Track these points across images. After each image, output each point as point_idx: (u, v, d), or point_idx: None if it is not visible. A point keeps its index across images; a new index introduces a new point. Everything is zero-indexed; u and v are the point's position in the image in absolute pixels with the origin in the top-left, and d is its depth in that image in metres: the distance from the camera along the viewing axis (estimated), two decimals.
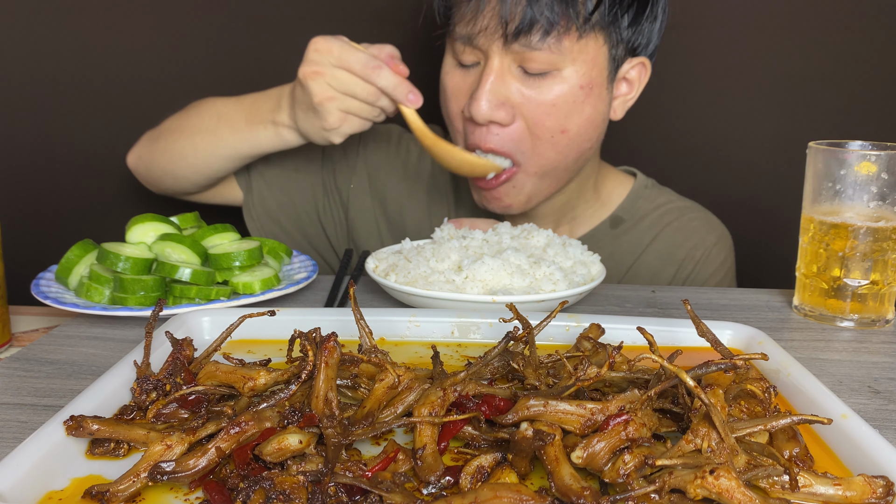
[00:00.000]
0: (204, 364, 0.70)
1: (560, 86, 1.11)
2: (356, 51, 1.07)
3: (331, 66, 1.06)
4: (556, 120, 1.13)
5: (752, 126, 1.57)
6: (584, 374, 0.62)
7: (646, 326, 0.83)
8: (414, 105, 1.10)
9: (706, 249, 1.33)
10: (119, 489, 0.54)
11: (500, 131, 1.14)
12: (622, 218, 1.35)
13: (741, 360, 0.62)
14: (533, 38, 1.07)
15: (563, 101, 1.12)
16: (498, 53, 1.10)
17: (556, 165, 1.19)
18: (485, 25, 1.09)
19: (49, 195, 1.61)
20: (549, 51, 1.08)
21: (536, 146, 1.15)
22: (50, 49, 1.53)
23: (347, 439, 0.58)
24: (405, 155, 1.39)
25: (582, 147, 1.19)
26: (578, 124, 1.15)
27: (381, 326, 0.86)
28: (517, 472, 0.58)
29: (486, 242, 1.07)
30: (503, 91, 1.12)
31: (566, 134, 1.15)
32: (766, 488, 0.54)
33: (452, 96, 1.18)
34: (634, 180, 1.38)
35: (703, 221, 1.36)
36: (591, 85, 1.13)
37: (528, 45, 1.08)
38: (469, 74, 1.16)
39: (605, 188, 1.36)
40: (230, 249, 1.02)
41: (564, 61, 1.10)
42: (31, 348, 0.87)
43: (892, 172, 0.95)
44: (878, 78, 1.53)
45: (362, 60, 1.06)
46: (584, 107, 1.14)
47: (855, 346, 0.93)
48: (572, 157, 1.19)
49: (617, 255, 1.32)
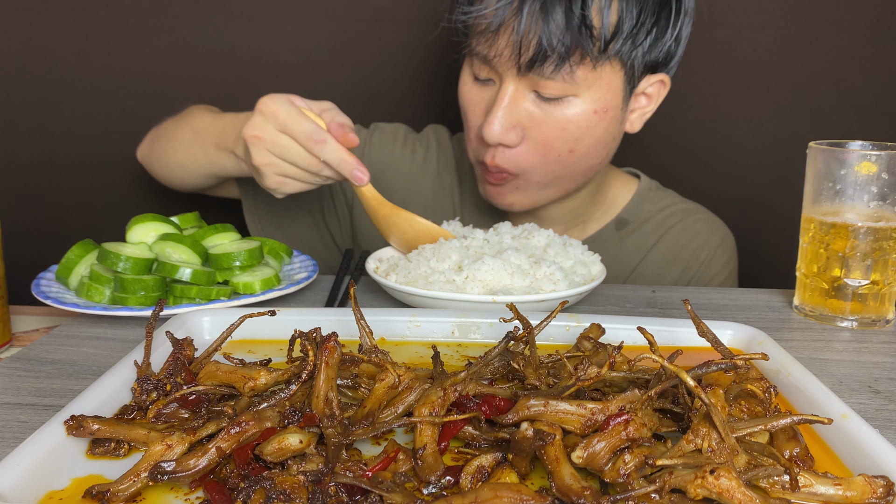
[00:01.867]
0: (204, 364, 0.70)
1: (573, 110, 1.11)
2: (302, 119, 1.01)
3: (274, 130, 1.02)
4: (565, 142, 1.13)
5: (752, 126, 1.57)
6: (585, 374, 0.62)
7: (646, 326, 0.83)
8: (360, 183, 1.04)
9: (711, 251, 1.34)
10: (119, 489, 0.54)
11: (507, 151, 1.14)
12: (627, 220, 1.35)
13: (741, 360, 0.62)
14: (546, 69, 1.06)
15: (575, 125, 1.12)
16: (512, 79, 1.10)
17: (561, 178, 1.19)
18: (500, 52, 1.08)
19: (49, 195, 1.61)
20: (562, 80, 1.08)
21: (543, 164, 1.16)
22: (50, 49, 1.53)
23: (348, 439, 0.58)
24: (410, 155, 1.39)
25: (590, 164, 1.19)
26: (588, 145, 1.15)
27: (382, 326, 0.86)
28: (517, 472, 0.58)
29: (486, 242, 1.06)
30: (516, 114, 1.12)
31: (574, 154, 1.15)
32: (767, 488, 0.54)
33: (470, 109, 1.19)
34: (639, 182, 1.38)
35: (707, 223, 1.37)
36: (606, 109, 1.13)
37: (541, 75, 1.07)
38: (486, 90, 1.16)
39: (611, 190, 1.36)
40: (230, 249, 1.02)
41: (579, 89, 1.10)
42: (32, 348, 0.87)
43: (893, 172, 0.95)
44: (878, 78, 1.53)
45: (306, 131, 1.01)
46: (595, 130, 1.14)
47: (855, 346, 0.93)
48: (579, 172, 1.19)
49: (622, 256, 1.33)
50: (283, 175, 1.05)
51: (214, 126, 1.20)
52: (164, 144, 1.29)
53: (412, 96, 1.58)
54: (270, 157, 1.03)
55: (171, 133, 1.28)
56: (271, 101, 1.02)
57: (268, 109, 1.02)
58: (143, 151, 1.36)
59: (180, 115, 1.31)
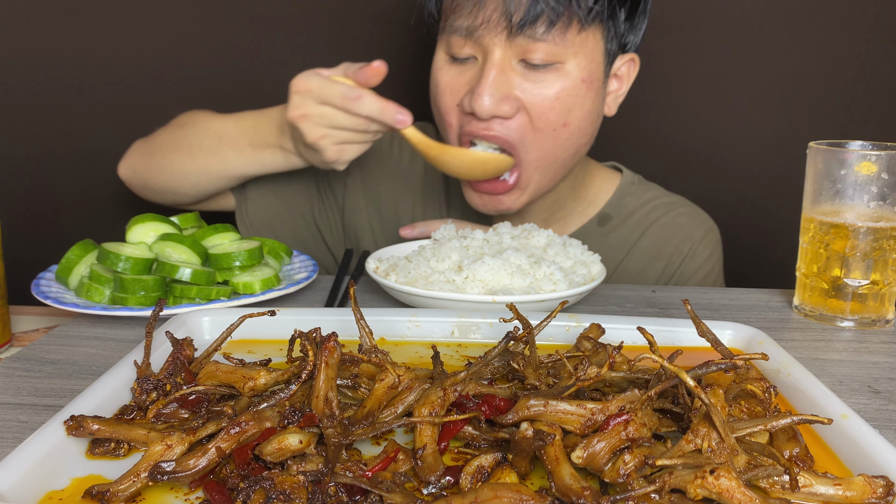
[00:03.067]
0: (204, 364, 0.70)
1: (563, 79, 1.11)
2: (334, 84, 1.05)
3: (314, 104, 1.06)
4: (559, 113, 1.13)
5: (752, 126, 1.57)
6: (585, 374, 0.62)
7: (646, 326, 0.83)
8: (403, 126, 1.07)
9: (693, 244, 1.33)
10: (119, 489, 0.54)
11: (503, 124, 1.13)
12: (610, 215, 1.34)
13: (741, 360, 0.62)
14: (538, 29, 1.07)
15: (567, 94, 1.12)
16: (499, 47, 1.09)
17: (556, 159, 1.18)
18: (487, 17, 1.08)
19: (49, 195, 1.61)
20: (552, 42, 1.08)
21: (538, 139, 1.15)
22: (50, 49, 1.53)
23: (347, 439, 0.58)
24: (398, 155, 1.39)
25: (580, 142, 1.19)
26: (579, 118, 1.15)
27: (382, 326, 0.86)
28: (517, 472, 0.58)
29: (486, 242, 1.07)
30: (505, 85, 1.11)
31: (567, 128, 1.15)
32: (767, 488, 0.54)
33: (447, 91, 1.16)
34: (621, 177, 1.37)
35: (690, 216, 1.36)
36: (591, 79, 1.14)
37: (532, 37, 1.07)
38: (466, 69, 1.14)
39: (593, 185, 1.36)
40: (230, 249, 1.02)
41: (566, 54, 1.10)
42: (32, 348, 0.87)
43: (893, 172, 0.95)
44: (878, 78, 1.53)
45: (341, 93, 1.04)
46: (584, 101, 1.14)
47: (855, 346, 0.93)
48: (570, 151, 1.19)
49: (605, 252, 1.32)
50: (339, 143, 1.08)
51: (241, 126, 1.19)
52: (172, 157, 1.24)
53: (412, 96, 1.58)
54: (321, 129, 1.07)
55: (180, 142, 1.24)
56: (302, 79, 1.07)
57: (302, 87, 1.06)
58: (132, 167, 1.30)
59: (178, 124, 1.27)
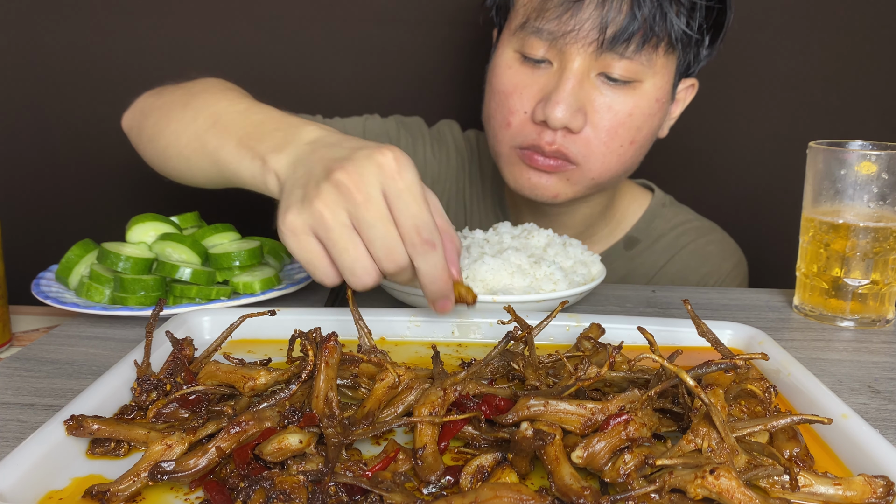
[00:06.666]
0: (204, 364, 0.70)
1: (638, 98, 1.08)
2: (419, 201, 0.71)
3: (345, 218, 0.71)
4: (629, 130, 1.09)
5: (752, 126, 1.57)
6: (585, 374, 0.62)
7: (646, 326, 0.83)
8: (441, 313, 0.79)
9: (720, 278, 1.29)
10: (119, 489, 0.54)
11: (567, 137, 1.08)
12: (637, 238, 1.30)
13: (741, 360, 0.62)
14: (629, 47, 1.02)
15: (640, 112, 1.08)
16: (582, 57, 1.04)
17: (613, 175, 1.14)
18: (578, 27, 1.02)
19: (49, 195, 1.61)
20: (637, 62, 1.04)
21: (602, 154, 1.10)
22: (50, 48, 1.53)
23: (347, 439, 0.58)
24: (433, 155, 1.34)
25: (636, 161, 1.16)
26: (645, 137, 1.12)
27: (381, 326, 0.86)
28: (517, 471, 0.58)
29: (486, 242, 1.07)
30: (581, 97, 1.06)
31: (633, 146, 1.11)
32: (767, 488, 0.54)
33: (515, 93, 1.09)
34: (651, 196, 1.33)
35: (721, 246, 1.32)
36: (664, 100, 1.11)
37: (619, 53, 1.03)
38: (538, 72, 1.08)
39: (621, 204, 1.31)
40: (230, 249, 1.02)
41: (647, 73, 1.06)
42: (32, 348, 0.87)
43: (893, 172, 0.95)
44: (878, 78, 1.53)
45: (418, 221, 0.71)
46: (653, 120, 1.11)
47: (855, 345, 0.93)
48: (626, 168, 1.15)
49: (630, 278, 1.29)
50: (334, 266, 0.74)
51: (246, 118, 0.87)
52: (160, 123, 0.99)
53: (412, 97, 1.58)
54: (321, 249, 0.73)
55: (173, 111, 0.98)
56: (394, 160, 0.71)
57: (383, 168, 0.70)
58: (131, 122, 1.09)
59: (189, 87, 1.02)
